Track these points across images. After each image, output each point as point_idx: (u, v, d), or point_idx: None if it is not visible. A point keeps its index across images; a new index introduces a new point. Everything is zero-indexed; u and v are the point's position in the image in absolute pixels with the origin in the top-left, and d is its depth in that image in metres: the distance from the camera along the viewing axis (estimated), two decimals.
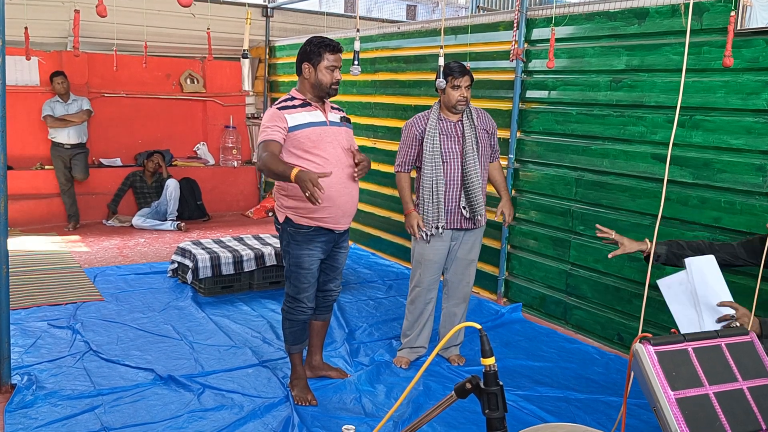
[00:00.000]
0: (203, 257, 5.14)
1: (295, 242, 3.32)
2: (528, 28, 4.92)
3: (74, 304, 4.84)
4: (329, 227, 3.34)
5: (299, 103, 3.31)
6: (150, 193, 7.83)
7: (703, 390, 1.85)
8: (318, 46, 3.29)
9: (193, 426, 3.17)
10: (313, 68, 3.30)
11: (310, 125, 3.27)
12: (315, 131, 3.27)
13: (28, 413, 3.22)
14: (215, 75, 8.85)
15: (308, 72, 3.31)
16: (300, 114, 3.27)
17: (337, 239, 3.44)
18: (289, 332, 3.47)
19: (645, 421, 3.32)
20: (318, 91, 3.33)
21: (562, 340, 4.47)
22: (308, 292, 3.40)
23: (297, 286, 3.38)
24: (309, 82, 3.33)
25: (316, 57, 3.29)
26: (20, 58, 6.99)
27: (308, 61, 3.30)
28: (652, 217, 4.02)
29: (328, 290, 3.57)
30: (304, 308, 3.42)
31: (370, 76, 6.70)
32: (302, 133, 3.24)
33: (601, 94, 4.37)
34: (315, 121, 3.29)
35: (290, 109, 3.28)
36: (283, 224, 3.34)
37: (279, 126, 3.22)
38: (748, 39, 3.54)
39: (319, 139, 3.26)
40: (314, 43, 3.31)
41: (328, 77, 3.31)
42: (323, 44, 3.29)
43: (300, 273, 3.36)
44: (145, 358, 3.95)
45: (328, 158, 3.27)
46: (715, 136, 3.73)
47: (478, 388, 1.51)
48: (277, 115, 3.25)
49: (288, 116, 3.24)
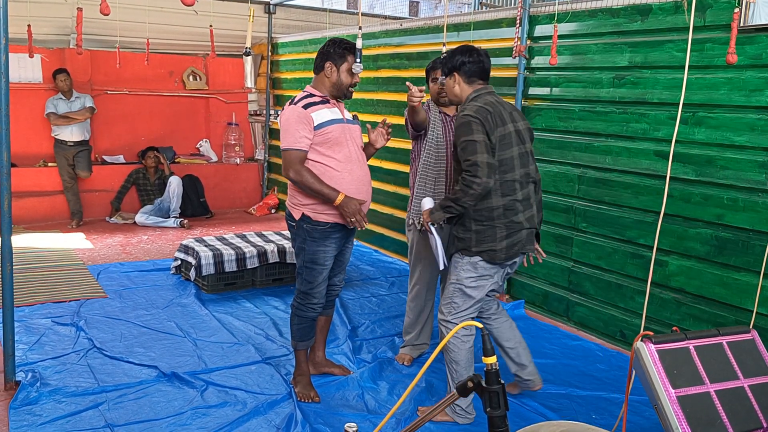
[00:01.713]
0: (206, 254, 5.15)
1: (312, 239, 3.34)
2: (531, 25, 4.92)
3: (78, 301, 4.85)
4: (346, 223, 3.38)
5: (319, 100, 3.34)
6: (153, 190, 7.84)
7: (704, 388, 1.85)
8: (343, 48, 3.36)
9: (196, 423, 3.19)
10: (336, 68, 3.36)
11: (333, 122, 3.31)
12: (338, 128, 3.33)
13: (33, 410, 3.24)
14: (218, 72, 8.85)
15: (330, 71, 3.36)
16: (323, 111, 3.31)
17: (348, 234, 3.49)
18: (297, 328, 3.49)
19: (647, 418, 3.32)
20: (337, 91, 3.40)
21: (565, 337, 4.47)
22: (321, 288, 3.44)
23: (311, 282, 3.40)
24: (330, 81, 3.38)
25: (339, 58, 3.35)
26: (23, 55, 7.00)
27: (332, 61, 3.35)
28: (655, 214, 4.02)
29: (332, 284, 3.61)
30: (315, 304, 3.45)
31: (372, 73, 6.70)
32: (327, 129, 3.28)
33: (604, 91, 4.37)
34: (336, 118, 3.34)
35: (314, 106, 3.30)
36: (299, 221, 3.36)
37: (307, 129, 3.24)
38: (751, 36, 3.53)
39: (341, 136, 3.33)
40: (339, 44, 3.37)
41: (349, 79, 3.38)
42: (348, 47, 3.37)
43: (315, 269, 3.39)
44: (148, 355, 3.96)
45: (350, 155, 3.35)
46: (718, 133, 3.73)
47: (479, 387, 1.51)
48: (304, 117, 3.25)
49: (313, 114, 3.27)
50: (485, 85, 3.23)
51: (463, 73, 3.20)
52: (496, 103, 3.12)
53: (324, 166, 3.28)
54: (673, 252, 3.97)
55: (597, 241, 4.45)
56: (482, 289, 3.15)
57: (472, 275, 3.12)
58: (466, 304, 3.16)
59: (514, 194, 3.07)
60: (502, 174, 3.05)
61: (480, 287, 3.14)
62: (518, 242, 3.11)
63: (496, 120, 3.04)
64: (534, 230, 3.21)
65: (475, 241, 3.09)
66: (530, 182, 3.19)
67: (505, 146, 3.05)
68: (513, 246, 3.09)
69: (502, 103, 3.17)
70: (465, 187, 2.97)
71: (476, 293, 3.15)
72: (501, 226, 3.06)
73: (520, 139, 3.13)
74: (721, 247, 3.72)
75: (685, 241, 3.90)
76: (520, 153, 3.11)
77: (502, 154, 3.04)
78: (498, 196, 3.04)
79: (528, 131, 3.24)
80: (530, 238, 3.19)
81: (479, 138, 2.97)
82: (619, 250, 4.30)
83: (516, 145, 3.10)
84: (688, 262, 3.90)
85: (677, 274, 3.95)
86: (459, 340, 3.18)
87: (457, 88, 3.23)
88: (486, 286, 3.15)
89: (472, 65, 3.18)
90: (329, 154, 3.29)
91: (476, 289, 3.14)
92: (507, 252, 3.09)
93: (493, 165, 2.98)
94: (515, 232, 3.08)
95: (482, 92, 3.18)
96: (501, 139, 3.04)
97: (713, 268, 3.77)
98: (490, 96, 3.16)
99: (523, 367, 3.44)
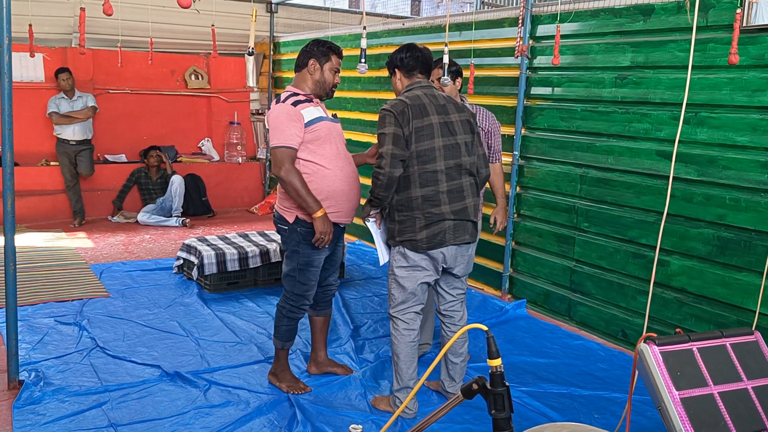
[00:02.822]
0: (208, 254, 5.16)
1: (306, 242, 3.34)
2: (533, 25, 4.92)
3: (80, 300, 4.86)
4: (339, 221, 3.40)
5: (304, 99, 3.34)
6: (155, 190, 7.85)
7: (708, 390, 1.86)
8: (327, 47, 3.40)
9: (199, 422, 3.19)
10: (320, 66, 3.38)
11: (321, 119, 3.32)
12: (326, 125, 3.34)
13: (36, 409, 3.24)
14: (220, 71, 8.86)
15: (314, 68, 3.38)
16: (310, 108, 3.31)
17: (339, 234, 3.50)
18: (286, 330, 3.51)
19: (649, 418, 3.33)
20: (320, 89, 3.41)
21: (567, 337, 4.47)
22: (314, 289, 3.47)
23: (305, 284, 3.41)
24: (313, 79, 3.39)
25: (323, 56, 3.38)
26: (25, 54, 7.00)
27: (315, 58, 3.38)
28: (657, 214, 4.02)
29: (328, 285, 3.64)
30: (307, 305, 3.49)
31: (374, 72, 6.70)
32: (317, 127, 3.28)
33: (606, 91, 4.37)
34: (323, 116, 3.35)
35: (301, 104, 3.30)
36: (293, 225, 3.35)
37: (298, 126, 3.24)
38: (753, 36, 3.53)
39: (329, 134, 3.34)
40: (322, 44, 3.41)
41: (332, 78, 3.41)
42: (331, 47, 3.42)
43: (309, 271, 3.40)
44: (151, 354, 3.97)
45: (339, 153, 3.36)
46: (720, 133, 3.73)
47: (484, 389, 1.52)
48: (294, 114, 3.25)
49: (303, 111, 3.27)
50: (422, 79, 3.28)
51: (402, 69, 3.30)
52: (422, 96, 3.16)
53: (315, 164, 3.28)
54: (675, 252, 3.97)
55: (599, 240, 4.45)
56: (414, 280, 3.18)
57: (403, 264, 3.18)
58: (402, 296, 3.22)
59: (435, 185, 3.10)
60: (422, 165, 3.09)
61: (411, 277, 3.18)
62: (440, 233, 3.12)
63: (414, 112, 3.08)
64: (468, 222, 3.20)
65: (398, 231, 3.16)
66: (465, 174, 3.18)
67: (422, 138, 3.08)
68: (434, 236, 3.12)
69: (433, 95, 3.20)
70: (374, 178, 3.10)
71: (408, 283, 3.19)
72: (420, 217, 3.11)
73: (449, 131, 3.14)
74: (723, 247, 3.72)
75: (687, 241, 3.90)
76: (445, 144, 3.12)
77: (419, 146, 3.08)
78: (417, 186, 3.10)
79: (466, 123, 3.22)
80: (462, 230, 3.18)
81: (389, 131, 3.06)
82: (620, 249, 4.30)
83: (440, 136, 3.11)
84: (689, 262, 3.90)
85: (679, 274, 3.96)
86: (399, 332, 3.24)
87: (399, 84, 3.34)
88: (418, 277, 3.18)
89: (409, 60, 3.27)
90: (320, 152, 3.29)
91: (408, 279, 3.18)
92: (428, 242, 3.12)
93: (397, 155, 3.04)
94: (435, 223, 3.11)
95: (414, 86, 3.23)
96: (417, 130, 3.07)
97: (715, 268, 3.78)
98: (419, 89, 3.21)
99: (452, 383, 3.44)
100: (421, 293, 3.24)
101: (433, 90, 3.24)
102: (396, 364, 3.27)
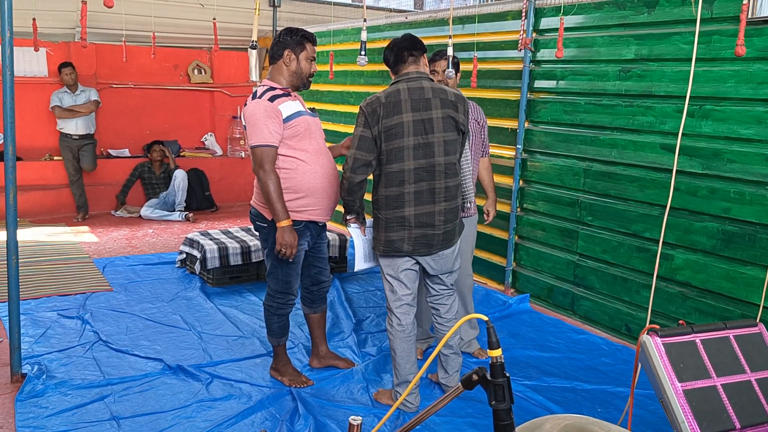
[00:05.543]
0: (211, 248, 5.16)
1: None
2: (536, 18, 4.89)
3: (83, 294, 4.87)
4: (318, 219, 3.37)
5: (282, 93, 3.24)
6: (158, 184, 7.85)
7: (711, 382, 1.84)
8: (300, 36, 3.29)
9: (201, 415, 3.19)
10: (295, 56, 3.29)
11: (299, 114, 3.24)
12: (305, 120, 3.27)
13: (39, 402, 3.25)
14: (223, 65, 8.85)
15: (289, 59, 3.28)
16: (288, 103, 3.22)
17: (320, 231, 3.48)
18: (278, 326, 3.50)
19: (652, 412, 3.32)
20: (297, 80, 3.31)
21: (570, 331, 4.46)
22: (297, 284, 3.46)
23: (287, 281, 3.40)
24: (289, 70, 3.29)
25: (297, 45, 3.28)
26: (28, 49, 7.01)
27: (290, 49, 3.27)
28: (661, 208, 4.00)
29: (320, 282, 3.62)
30: (293, 300, 3.48)
31: (378, 66, 6.67)
32: (296, 122, 3.21)
33: (610, 84, 4.34)
34: (301, 110, 3.27)
35: (279, 99, 3.20)
36: (272, 221, 3.25)
37: (276, 123, 3.15)
38: (759, 28, 3.50)
39: (308, 129, 3.27)
40: (295, 32, 3.30)
41: (308, 68, 3.32)
42: (305, 35, 3.30)
43: (291, 267, 3.37)
44: (154, 348, 3.97)
45: (319, 148, 3.31)
46: (725, 126, 3.70)
47: (484, 380, 1.51)
48: (272, 110, 3.15)
49: (280, 107, 3.18)
50: (413, 70, 3.14)
51: (388, 66, 3.26)
52: (402, 91, 3.04)
53: (296, 160, 3.22)
54: (679, 246, 3.95)
55: (602, 234, 4.43)
56: (396, 267, 3.16)
57: (386, 261, 3.19)
58: (391, 292, 3.22)
59: (401, 186, 3.03)
60: (388, 165, 3.03)
61: (393, 265, 3.17)
62: (397, 240, 3.06)
63: (387, 111, 3.00)
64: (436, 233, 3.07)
65: (375, 229, 3.18)
66: (439, 174, 3.04)
67: (392, 137, 3.00)
68: (391, 243, 3.07)
69: (420, 88, 3.06)
70: (341, 181, 3.11)
71: (393, 281, 3.20)
72: (382, 218, 3.10)
73: (423, 129, 3.01)
74: (727, 240, 3.70)
75: (691, 234, 3.88)
76: (417, 144, 3.01)
77: (389, 145, 3.01)
78: (383, 186, 3.08)
79: (450, 120, 3.06)
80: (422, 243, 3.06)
81: (357, 132, 3.05)
82: (624, 243, 4.28)
83: (412, 135, 3.00)
84: (694, 256, 3.88)
85: (683, 268, 3.94)
86: (393, 328, 3.23)
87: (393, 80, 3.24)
88: (399, 265, 3.15)
89: (389, 56, 3.24)
90: (300, 147, 3.23)
91: (390, 266, 3.18)
92: (385, 247, 3.10)
93: (360, 160, 3.01)
94: (394, 230, 3.06)
95: (401, 79, 3.13)
96: (387, 130, 3.00)
97: (719, 261, 3.76)
98: (404, 83, 3.09)
99: (446, 375, 3.41)
100: (407, 281, 3.20)
101: (424, 82, 3.09)
102: (393, 359, 3.27)
